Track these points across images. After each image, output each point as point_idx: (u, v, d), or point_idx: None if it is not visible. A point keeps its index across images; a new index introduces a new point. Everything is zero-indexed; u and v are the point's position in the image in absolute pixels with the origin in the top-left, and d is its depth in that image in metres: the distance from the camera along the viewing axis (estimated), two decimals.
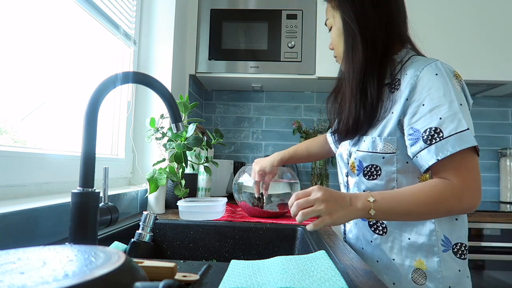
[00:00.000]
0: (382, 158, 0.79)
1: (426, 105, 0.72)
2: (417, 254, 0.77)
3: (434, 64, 0.75)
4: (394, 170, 0.79)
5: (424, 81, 0.74)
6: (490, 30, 1.70)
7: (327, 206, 0.67)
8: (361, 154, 0.82)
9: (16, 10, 0.83)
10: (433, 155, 0.70)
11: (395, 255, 0.79)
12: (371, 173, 0.81)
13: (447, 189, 0.69)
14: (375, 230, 0.82)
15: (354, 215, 0.70)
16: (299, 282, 0.46)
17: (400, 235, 0.79)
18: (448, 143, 0.69)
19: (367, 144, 0.81)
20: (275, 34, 1.70)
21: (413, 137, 0.73)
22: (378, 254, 0.82)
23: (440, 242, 0.77)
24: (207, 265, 0.54)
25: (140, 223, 0.77)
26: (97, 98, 0.58)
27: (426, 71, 0.74)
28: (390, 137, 0.78)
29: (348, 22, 0.82)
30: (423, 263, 0.77)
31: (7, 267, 0.32)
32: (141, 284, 0.33)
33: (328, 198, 0.68)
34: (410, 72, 0.77)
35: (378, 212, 0.69)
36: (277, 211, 1.09)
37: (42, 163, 0.84)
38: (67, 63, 1.03)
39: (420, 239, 0.77)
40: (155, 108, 1.41)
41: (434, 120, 0.71)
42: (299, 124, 2.00)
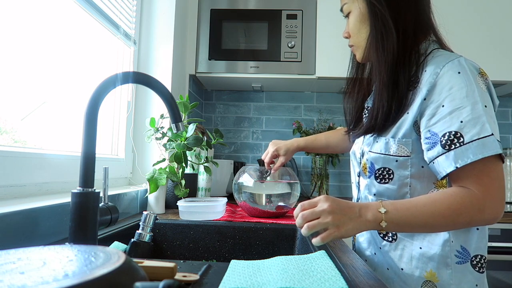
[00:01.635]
0: (395, 161, 0.74)
1: (446, 107, 0.66)
2: (428, 265, 0.72)
3: (457, 60, 0.69)
4: (408, 174, 0.73)
5: (445, 79, 0.68)
6: (490, 30, 1.70)
7: (334, 218, 0.61)
8: (373, 155, 0.77)
9: (16, 10, 0.83)
10: (451, 162, 0.64)
11: (405, 264, 0.74)
12: (382, 176, 0.76)
13: (467, 199, 0.63)
14: (384, 237, 0.78)
15: (364, 227, 0.63)
16: (299, 282, 0.46)
17: (410, 243, 0.74)
18: (469, 150, 0.63)
19: (380, 145, 0.76)
20: (275, 34, 1.70)
21: (431, 141, 0.68)
22: (388, 261, 0.77)
23: (454, 253, 0.71)
24: (207, 265, 0.54)
25: (140, 223, 0.77)
26: (97, 98, 0.58)
27: (448, 68, 0.68)
28: (404, 139, 0.72)
29: (376, 5, 0.74)
30: (434, 275, 0.71)
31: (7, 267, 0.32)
32: (141, 284, 0.33)
33: (335, 209, 0.61)
34: (430, 69, 0.70)
35: (390, 224, 0.63)
36: (277, 211, 1.09)
37: (42, 163, 0.84)
38: (67, 63, 1.03)
39: (432, 249, 0.72)
40: (155, 108, 1.41)
41: (455, 124, 0.64)
42: (299, 124, 2.00)
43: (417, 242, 0.74)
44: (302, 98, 2.09)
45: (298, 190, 1.13)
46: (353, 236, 0.88)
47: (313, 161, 1.95)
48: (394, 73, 0.74)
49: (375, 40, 0.76)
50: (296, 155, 2.05)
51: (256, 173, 1.12)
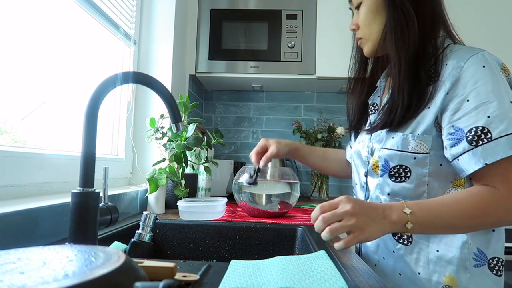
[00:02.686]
0: (413, 159, 0.70)
1: (471, 101, 0.63)
2: (447, 269, 0.69)
3: (480, 55, 0.67)
4: (426, 172, 0.69)
5: (469, 73, 0.65)
6: (490, 30, 1.70)
7: (358, 220, 0.57)
8: (387, 152, 0.72)
9: (16, 10, 0.83)
10: (479, 159, 0.61)
11: (421, 268, 0.70)
12: (398, 175, 0.72)
13: (493, 198, 0.60)
14: (399, 240, 0.73)
15: (389, 229, 0.60)
16: (299, 282, 0.46)
17: (427, 246, 0.71)
18: (498, 146, 0.59)
19: (397, 141, 0.71)
20: (275, 34, 1.70)
21: (455, 136, 0.64)
22: (401, 266, 0.73)
23: (471, 255, 0.68)
24: (207, 265, 0.54)
25: (140, 223, 0.77)
26: (97, 98, 0.58)
27: (472, 62, 0.65)
28: (425, 135, 0.68)
29: None
30: (453, 279, 0.68)
31: (7, 267, 0.32)
32: (141, 284, 0.33)
33: (358, 211, 0.58)
34: (452, 63, 0.67)
35: (416, 226, 0.60)
36: (277, 211, 1.09)
37: (42, 163, 0.84)
38: (67, 63, 1.03)
39: (450, 252, 0.69)
40: (155, 108, 1.41)
41: (481, 119, 0.62)
42: (299, 124, 2.00)
43: (434, 245, 0.70)
44: (302, 98, 2.09)
45: (298, 190, 1.13)
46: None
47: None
48: (415, 66, 0.71)
49: (393, 32, 0.72)
50: None
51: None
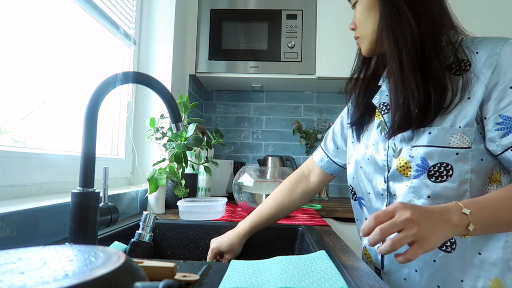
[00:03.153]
0: (455, 154, 0.63)
1: None
2: (492, 272, 0.63)
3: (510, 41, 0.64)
4: (468, 169, 0.63)
5: (508, 60, 0.62)
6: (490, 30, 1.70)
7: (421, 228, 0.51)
8: (425, 150, 0.65)
9: (16, 10, 0.83)
10: None
11: (465, 275, 0.64)
12: (439, 174, 0.65)
13: None
14: (441, 247, 0.65)
15: (451, 233, 0.54)
16: (299, 282, 0.46)
17: (469, 250, 0.64)
18: None
19: (435, 136, 0.65)
20: (275, 34, 1.71)
21: (504, 126, 0.60)
22: (442, 276, 0.66)
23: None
24: (207, 265, 0.54)
25: (140, 223, 0.77)
26: (97, 98, 0.58)
27: (509, 49, 0.63)
28: (467, 128, 0.63)
29: None
30: (500, 282, 0.63)
31: (7, 267, 0.32)
32: (141, 284, 0.33)
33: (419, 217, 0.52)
34: (486, 51, 0.65)
35: (478, 226, 0.54)
36: None
37: (42, 163, 0.84)
38: (67, 63, 1.03)
39: (494, 254, 0.63)
40: (155, 108, 1.41)
41: None
42: (299, 124, 2.00)
43: (476, 247, 0.64)
44: (302, 98, 2.09)
45: None
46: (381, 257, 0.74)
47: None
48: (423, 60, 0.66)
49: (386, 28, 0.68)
50: (296, 155, 2.05)
51: (256, 173, 1.12)
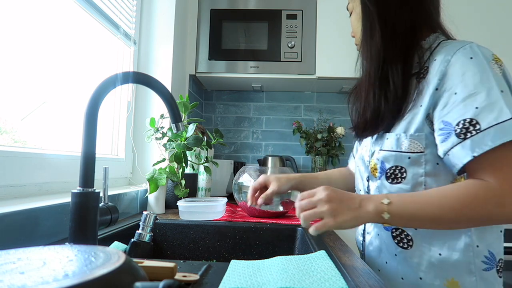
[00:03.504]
0: (407, 158, 0.68)
1: (459, 94, 0.61)
2: (450, 273, 0.66)
3: (468, 46, 0.64)
4: (422, 172, 0.67)
5: (457, 66, 0.63)
6: (490, 30, 1.70)
7: (330, 207, 0.59)
8: (383, 153, 0.72)
9: (16, 10, 0.83)
10: (468, 151, 0.58)
11: (423, 273, 0.68)
12: (394, 176, 0.70)
13: (482, 192, 0.57)
14: (399, 243, 0.71)
15: (364, 219, 0.60)
16: (299, 282, 0.46)
17: (429, 249, 0.68)
18: (487, 136, 0.57)
19: (391, 142, 0.71)
20: (275, 34, 1.70)
21: (444, 132, 0.62)
22: (404, 270, 0.70)
23: (482, 259, 0.65)
24: (207, 265, 0.54)
25: (140, 223, 0.77)
26: (97, 98, 0.58)
27: (459, 55, 0.64)
28: (417, 134, 0.67)
29: (367, 4, 0.75)
30: (456, 283, 0.65)
31: (7, 267, 0.32)
32: (141, 284, 0.33)
33: (332, 198, 0.60)
34: (440, 57, 0.66)
35: (394, 217, 0.59)
36: (277, 211, 1.09)
37: (42, 163, 0.84)
38: (67, 63, 1.03)
39: (453, 255, 0.66)
40: (155, 108, 1.41)
41: (469, 110, 0.59)
42: (299, 124, 2.00)
43: (436, 248, 0.67)
44: (302, 98, 2.09)
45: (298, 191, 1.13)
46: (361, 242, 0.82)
47: (313, 161, 1.95)
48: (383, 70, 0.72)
49: (363, 36, 0.76)
50: (296, 154, 2.05)
51: (256, 173, 1.12)
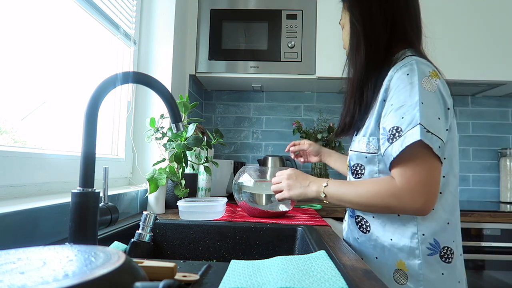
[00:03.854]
0: (365, 158, 0.82)
1: (393, 105, 0.74)
2: (399, 256, 0.78)
3: (409, 64, 0.75)
4: (376, 170, 0.80)
5: (395, 81, 0.75)
6: (490, 30, 1.70)
7: (287, 183, 0.87)
8: (351, 153, 0.87)
9: (16, 10, 0.83)
10: (392, 153, 0.71)
11: (378, 254, 0.81)
12: (356, 172, 0.85)
13: (385, 187, 0.72)
14: (360, 228, 0.85)
15: (309, 195, 0.84)
16: (299, 282, 0.46)
17: (382, 235, 0.80)
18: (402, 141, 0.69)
19: (356, 144, 0.85)
20: (275, 34, 1.70)
21: (383, 136, 0.75)
22: (364, 251, 0.84)
23: (426, 245, 0.76)
24: (207, 265, 0.54)
25: (140, 223, 0.76)
26: (97, 98, 0.58)
27: (400, 72, 0.75)
28: (371, 137, 0.80)
29: (355, 23, 0.85)
30: (404, 264, 0.77)
31: (7, 267, 0.32)
32: (141, 284, 0.33)
33: (290, 177, 0.88)
34: (389, 73, 0.78)
35: (328, 196, 0.81)
36: (277, 211, 1.09)
37: (42, 163, 0.84)
38: (67, 63, 1.03)
39: (401, 241, 0.77)
40: (155, 108, 1.41)
41: (398, 119, 0.72)
42: (299, 124, 2.00)
43: (388, 234, 0.79)
44: (302, 98, 2.09)
45: None
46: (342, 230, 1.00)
47: None
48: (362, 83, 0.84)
49: (350, 52, 0.88)
50: None
51: (256, 173, 1.12)
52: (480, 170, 2.04)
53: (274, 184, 0.91)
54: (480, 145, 2.05)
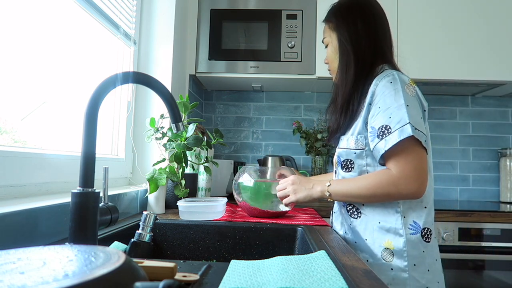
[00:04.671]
0: (354, 153, 0.93)
1: (381, 107, 0.86)
2: (386, 236, 0.88)
3: (391, 74, 0.89)
4: (365, 163, 0.92)
5: (380, 88, 0.88)
6: (490, 30, 1.70)
7: (293, 187, 0.96)
8: (340, 150, 0.97)
9: (16, 10, 0.83)
10: (382, 147, 0.83)
11: (368, 236, 0.91)
12: (347, 166, 0.95)
13: (384, 177, 0.83)
14: (352, 215, 0.95)
15: (315, 196, 0.93)
16: (299, 282, 0.46)
17: (372, 219, 0.91)
18: (393, 136, 0.81)
19: (344, 142, 0.96)
20: (275, 34, 1.70)
21: (372, 134, 0.87)
22: (355, 235, 0.94)
23: (408, 226, 0.88)
24: (207, 265, 0.54)
25: (140, 223, 0.76)
26: (97, 98, 0.58)
27: (384, 80, 0.88)
28: (359, 135, 0.91)
29: (344, 43, 0.96)
30: (391, 243, 0.88)
31: (7, 267, 0.32)
32: (141, 284, 0.33)
33: (295, 182, 0.97)
34: (374, 81, 0.91)
35: (332, 194, 0.90)
36: (277, 211, 1.09)
37: (42, 163, 0.84)
38: (67, 63, 1.03)
39: (388, 223, 0.89)
40: (155, 108, 1.41)
41: (385, 119, 0.84)
42: (299, 124, 2.00)
43: (377, 217, 0.90)
44: (302, 98, 2.09)
45: None
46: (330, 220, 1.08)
47: (313, 161, 1.95)
48: (350, 95, 0.95)
49: (340, 68, 0.98)
50: (296, 154, 2.05)
51: (256, 173, 1.12)
52: (480, 170, 2.04)
53: (280, 191, 0.99)
54: (480, 145, 2.05)
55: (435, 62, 1.69)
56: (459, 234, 1.44)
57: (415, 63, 1.68)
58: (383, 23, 0.99)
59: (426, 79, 1.69)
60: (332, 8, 1.03)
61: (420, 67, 1.68)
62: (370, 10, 0.98)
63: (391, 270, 0.86)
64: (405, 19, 1.71)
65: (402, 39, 1.69)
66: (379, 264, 0.88)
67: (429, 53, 1.70)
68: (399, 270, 0.86)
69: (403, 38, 1.69)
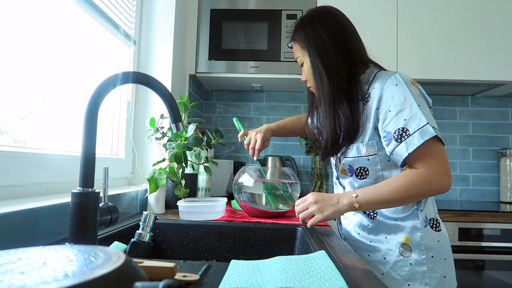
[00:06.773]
0: (367, 160, 0.92)
1: (392, 111, 0.85)
2: (404, 232, 0.90)
3: (393, 76, 0.89)
4: (379, 168, 0.92)
5: (388, 91, 0.87)
6: (489, 30, 1.70)
7: (318, 206, 0.88)
8: (350, 159, 0.95)
9: (17, 10, 0.83)
10: (404, 150, 0.82)
11: (386, 234, 0.93)
12: (361, 174, 0.95)
13: (415, 176, 0.82)
14: (368, 216, 0.96)
15: (342, 210, 0.87)
16: (299, 282, 0.46)
17: (388, 218, 0.93)
18: (414, 138, 0.81)
19: (353, 151, 0.94)
20: (275, 34, 1.70)
21: (387, 138, 0.86)
22: (374, 234, 0.95)
23: (422, 219, 0.90)
24: (207, 265, 0.54)
25: (140, 223, 0.76)
26: (97, 98, 0.58)
27: (389, 83, 0.88)
28: (370, 142, 0.91)
29: (314, 62, 0.95)
30: (408, 238, 0.90)
31: (7, 267, 0.32)
32: (141, 284, 0.33)
33: (318, 199, 0.88)
34: (377, 86, 0.90)
35: (362, 204, 0.85)
36: (278, 211, 1.09)
37: (42, 163, 0.84)
38: (67, 63, 1.03)
39: (405, 220, 0.91)
40: (155, 108, 1.41)
41: (401, 122, 0.84)
42: None
43: (392, 215, 0.93)
44: (302, 98, 2.09)
45: (298, 190, 1.13)
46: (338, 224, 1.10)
47: (313, 161, 1.95)
48: (334, 106, 0.94)
49: (315, 85, 0.98)
50: (296, 154, 2.05)
51: (256, 173, 1.12)
52: (480, 170, 2.04)
53: (302, 212, 0.90)
54: (480, 145, 2.05)
55: (435, 62, 1.69)
56: (459, 234, 1.44)
57: (415, 63, 1.68)
58: (348, 26, 0.97)
59: (426, 79, 1.69)
60: (296, 27, 1.01)
61: (420, 67, 1.68)
62: (331, 19, 0.95)
63: (410, 265, 0.88)
64: (405, 19, 1.71)
65: (402, 39, 1.69)
66: (397, 260, 0.90)
67: (429, 53, 1.70)
68: (417, 264, 0.88)
69: (403, 38, 1.69)
